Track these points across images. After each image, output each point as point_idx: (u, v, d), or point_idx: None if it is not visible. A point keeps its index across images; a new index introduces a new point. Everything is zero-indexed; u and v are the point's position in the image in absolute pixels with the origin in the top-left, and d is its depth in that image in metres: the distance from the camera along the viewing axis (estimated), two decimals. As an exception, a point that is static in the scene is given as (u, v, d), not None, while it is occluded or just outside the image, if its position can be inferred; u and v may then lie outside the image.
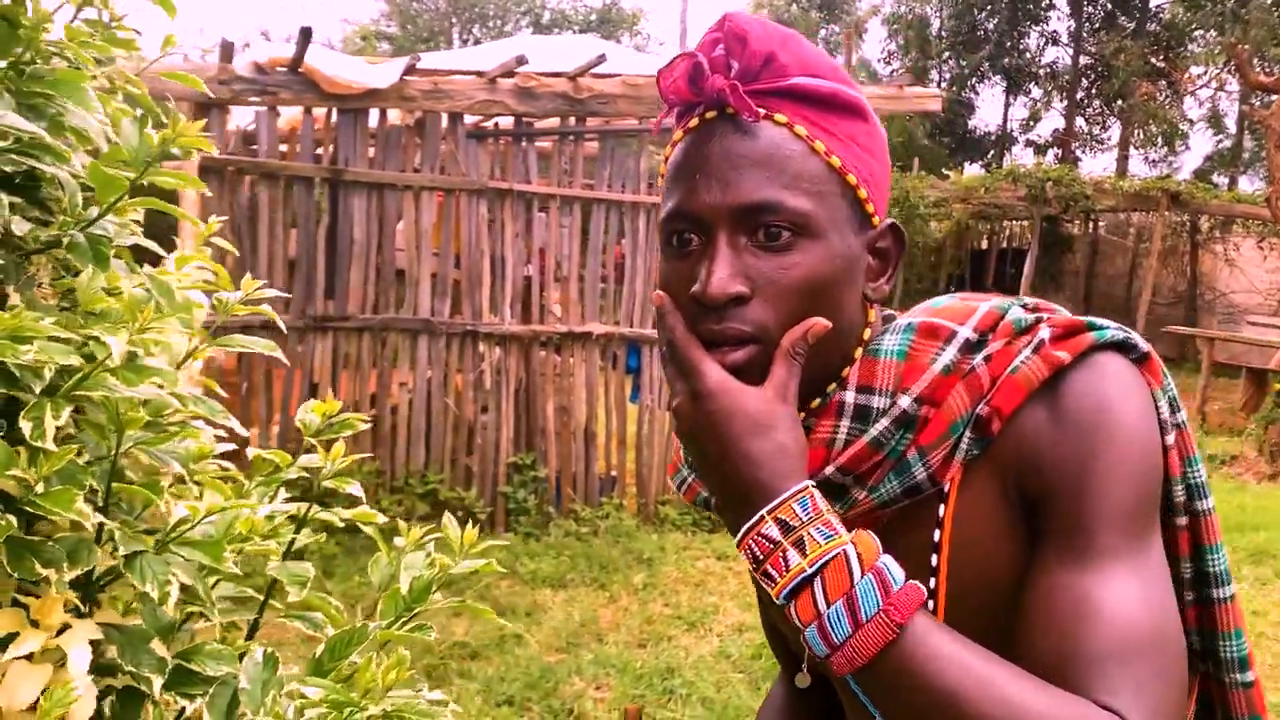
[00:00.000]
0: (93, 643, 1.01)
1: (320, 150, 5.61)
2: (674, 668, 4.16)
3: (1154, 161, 21.70)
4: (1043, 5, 21.72)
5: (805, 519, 0.79)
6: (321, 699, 0.99)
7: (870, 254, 0.92)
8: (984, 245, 18.66)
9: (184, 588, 1.13)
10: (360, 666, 1.05)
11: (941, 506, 0.89)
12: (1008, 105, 23.43)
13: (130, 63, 1.33)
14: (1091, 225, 17.42)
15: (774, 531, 0.79)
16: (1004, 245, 18.84)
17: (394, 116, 5.69)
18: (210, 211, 5.21)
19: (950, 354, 0.87)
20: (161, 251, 1.26)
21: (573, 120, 5.88)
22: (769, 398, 0.83)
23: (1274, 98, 9.49)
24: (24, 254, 1.03)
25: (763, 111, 0.86)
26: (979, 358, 0.87)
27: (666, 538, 5.91)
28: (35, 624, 0.99)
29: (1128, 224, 17.83)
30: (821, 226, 0.85)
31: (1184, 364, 15.15)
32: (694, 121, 0.89)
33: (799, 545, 0.77)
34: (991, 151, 22.62)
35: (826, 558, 0.76)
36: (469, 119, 5.82)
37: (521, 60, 5.48)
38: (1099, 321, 0.87)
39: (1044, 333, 0.86)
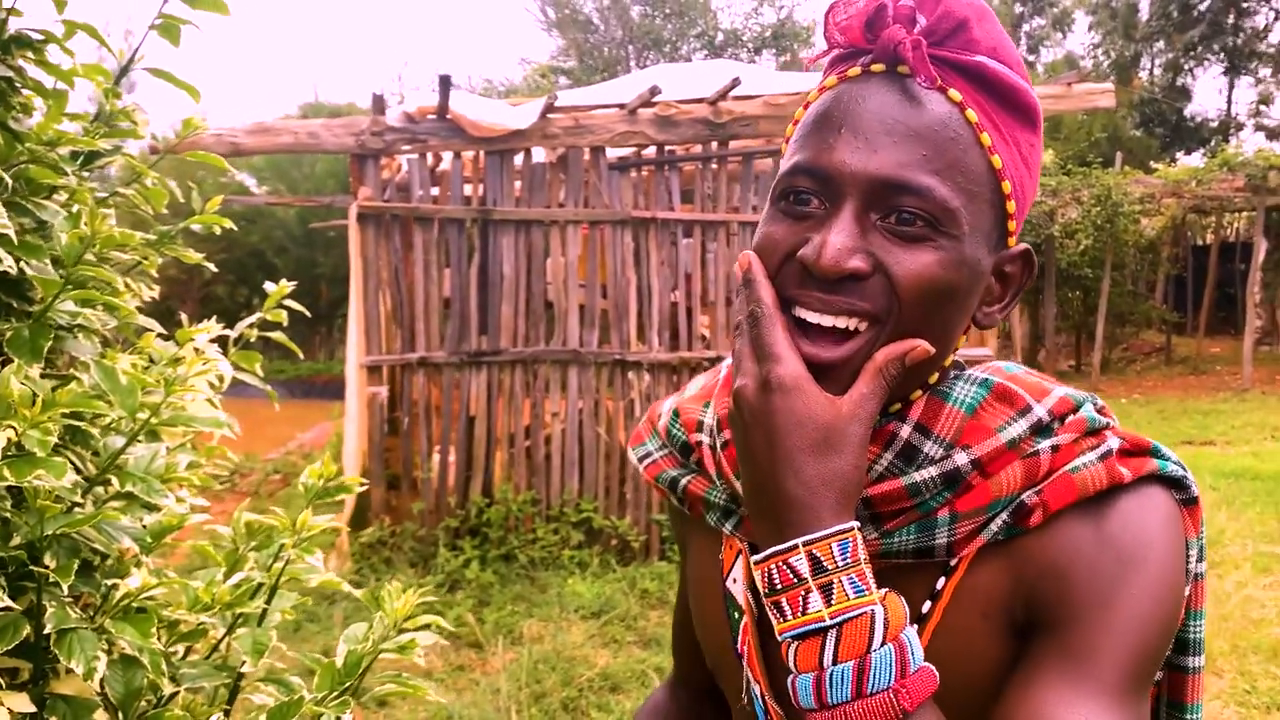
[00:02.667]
0: (31, 715, 1.06)
1: (469, 191, 5.83)
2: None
3: None
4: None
5: (841, 564, 0.71)
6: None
7: (995, 275, 0.83)
8: (1207, 240, 17.22)
9: (129, 659, 1.18)
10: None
11: (943, 579, 0.82)
12: (1231, 88, 21.54)
13: (207, 138, 1.41)
14: (1331, 213, 15.75)
15: (803, 566, 0.71)
16: (1229, 239, 17.31)
17: (538, 154, 5.85)
18: (370, 255, 5.51)
19: (1020, 427, 0.79)
20: (160, 329, 1.33)
21: (714, 145, 5.86)
22: (844, 414, 0.74)
23: None
24: None
25: (939, 80, 0.76)
26: (1045, 444, 0.79)
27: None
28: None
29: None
30: (962, 228, 0.75)
31: None
32: (854, 70, 0.78)
33: (825, 591, 0.70)
34: (1214, 140, 20.83)
35: (851, 614, 0.69)
36: (611, 152, 5.90)
37: (655, 90, 5.51)
38: (1163, 450, 0.81)
39: (1113, 442, 0.80)
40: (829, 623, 0.69)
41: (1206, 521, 0.86)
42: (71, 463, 1.18)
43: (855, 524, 0.73)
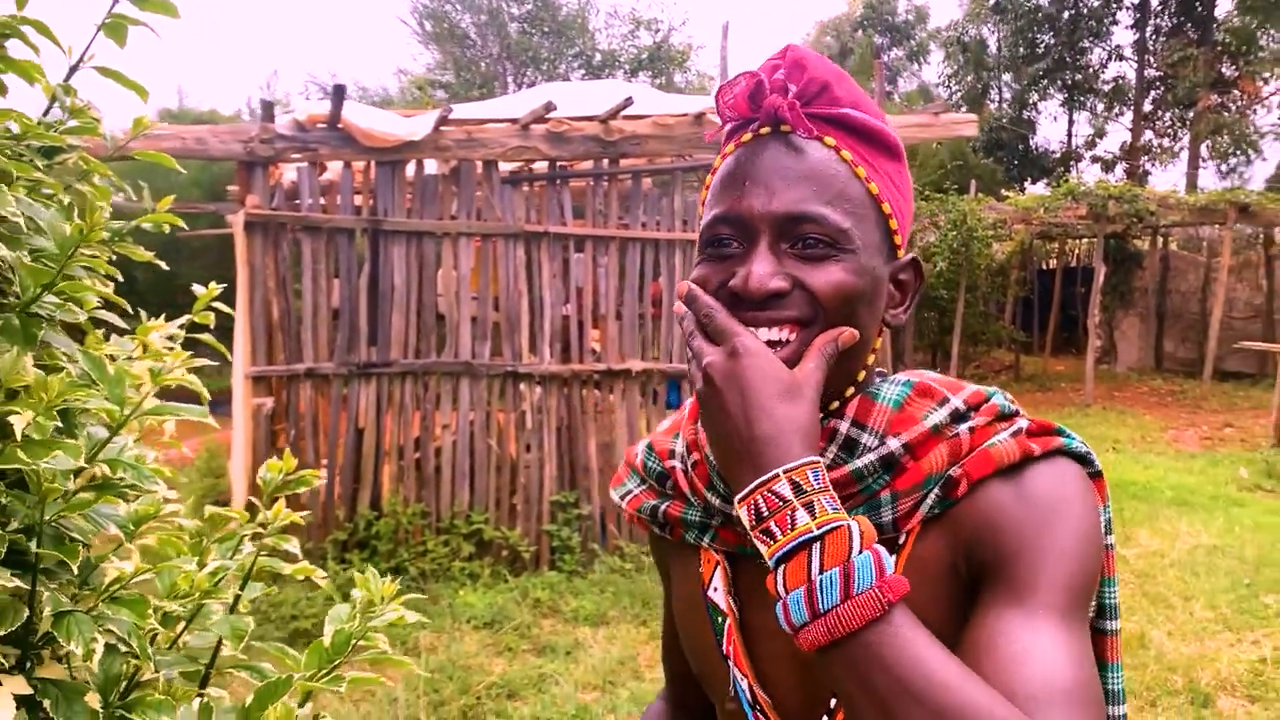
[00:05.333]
0: (27, 698, 1.08)
1: (359, 202, 5.79)
2: (707, 705, 4.14)
3: (1225, 173, 21.09)
4: (1105, 20, 21.35)
5: (816, 487, 0.81)
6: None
7: (892, 282, 0.99)
8: (1051, 265, 18.30)
9: (121, 642, 1.20)
10: (278, 714, 1.10)
11: (893, 556, 0.91)
12: (1071, 122, 23.03)
13: (165, 137, 1.42)
14: (1162, 241, 16.99)
15: (786, 490, 0.80)
16: (1072, 264, 18.45)
17: (431, 166, 5.85)
18: (256, 264, 5.40)
19: (941, 415, 0.93)
20: (121, 324, 1.34)
21: (605, 162, 5.98)
22: (800, 377, 0.87)
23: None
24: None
25: (815, 131, 0.92)
26: (963, 426, 0.93)
27: (710, 573, 5.89)
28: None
29: (1199, 239, 17.34)
30: (856, 245, 0.91)
31: (1262, 379, 14.64)
32: (747, 136, 0.95)
33: (809, 508, 0.79)
34: (1056, 169, 22.20)
35: (833, 525, 0.78)
36: (504, 166, 5.95)
37: (550, 107, 5.60)
38: (1068, 431, 0.94)
39: (1022, 423, 0.93)
40: (816, 533, 0.78)
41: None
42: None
43: (820, 458, 0.85)
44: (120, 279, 1.31)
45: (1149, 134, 21.71)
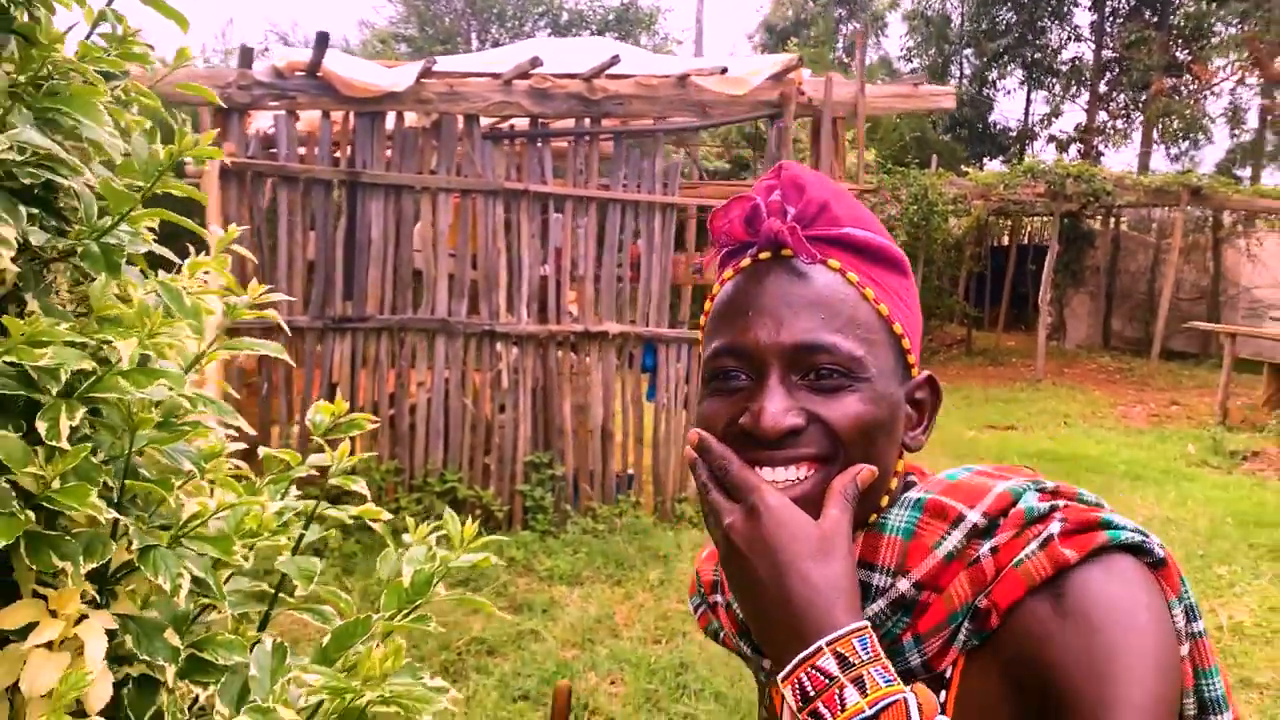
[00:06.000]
0: (109, 633, 1.06)
1: (338, 153, 5.68)
2: (688, 663, 4.20)
3: (1176, 156, 21.54)
4: (1065, 0, 21.58)
5: (865, 658, 0.74)
6: (322, 685, 1.04)
7: (909, 403, 0.93)
8: (1004, 242, 18.57)
9: (196, 580, 1.18)
10: (362, 655, 1.09)
11: (943, 693, 0.86)
12: (1029, 101, 23.31)
13: (146, 74, 1.38)
14: (1114, 221, 17.31)
15: (832, 666, 0.73)
16: (1025, 242, 18.74)
17: (411, 119, 5.75)
18: (231, 214, 5.29)
19: (955, 539, 0.86)
20: (175, 258, 1.31)
21: (587, 122, 5.93)
22: (828, 529, 0.81)
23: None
24: (42, 262, 1.08)
25: (817, 255, 0.87)
26: (985, 548, 0.85)
27: (683, 535, 5.95)
28: (54, 614, 1.04)
29: (1150, 220, 17.71)
30: (871, 373, 0.86)
31: (1206, 359, 15.04)
32: (745, 261, 0.91)
33: (858, 684, 0.72)
34: (1013, 147, 22.48)
35: (888, 701, 0.71)
36: (485, 121, 5.87)
37: (536, 62, 5.53)
38: (1116, 520, 0.84)
39: (1054, 527, 0.83)
40: (869, 712, 0.70)
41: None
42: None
43: (868, 622, 0.78)
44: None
45: (1103, 115, 22.06)
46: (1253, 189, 14.63)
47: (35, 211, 1.08)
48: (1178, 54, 20.20)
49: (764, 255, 0.90)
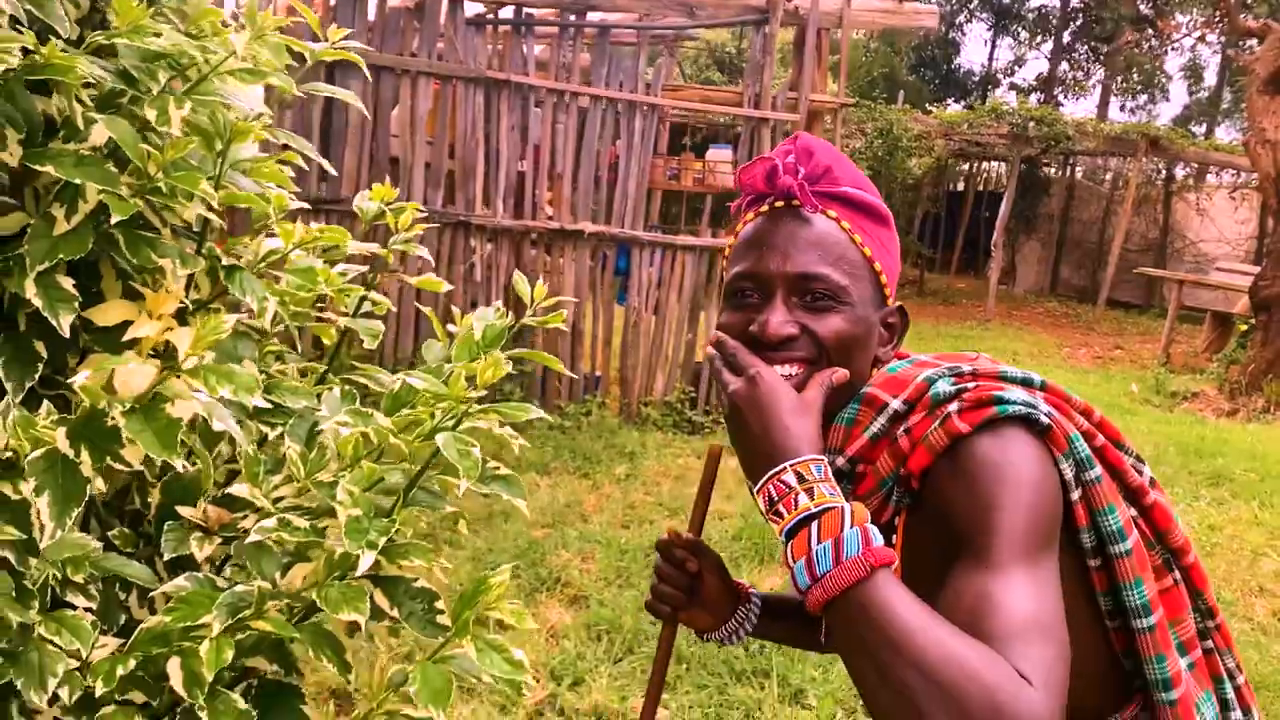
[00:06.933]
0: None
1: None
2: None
3: (1133, 110, 21.84)
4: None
5: (817, 477, 0.96)
6: (425, 389, 1.06)
7: (883, 326, 1.17)
8: (960, 188, 18.75)
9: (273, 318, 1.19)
10: (454, 374, 1.11)
11: (894, 536, 1.12)
12: (994, 46, 23.40)
13: None
14: (1069, 170, 17.55)
15: (791, 479, 0.96)
16: (980, 188, 18.95)
17: (394, 1, 5.62)
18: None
19: (879, 423, 1.12)
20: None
21: (572, 17, 5.84)
22: (806, 399, 1.04)
23: (1256, 44, 9.59)
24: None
25: (819, 207, 1.11)
26: (902, 429, 1.10)
27: (648, 436, 6.02)
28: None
29: (1104, 170, 17.98)
30: (853, 299, 1.10)
31: (1150, 309, 15.44)
32: (764, 208, 1.15)
33: (809, 492, 0.95)
34: (975, 92, 22.60)
35: (827, 505, 0.93)
36: (470, 10, 5.76)
37: (525, -53, 5.42)
38: (1008, 397, 1.04)
39: (954, 406, 1.06)
40: (813, 510, 0.93)
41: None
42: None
43: (824, 457, 1.00)
44: None
45: (1065, 66, 22.23)
46: (1207, 142, 14.92)
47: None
48: (1141, 7, 20.36)
49: (779, 204, 1.13)
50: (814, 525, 0.92)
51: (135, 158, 0.95)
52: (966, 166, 18.42)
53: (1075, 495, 1.07)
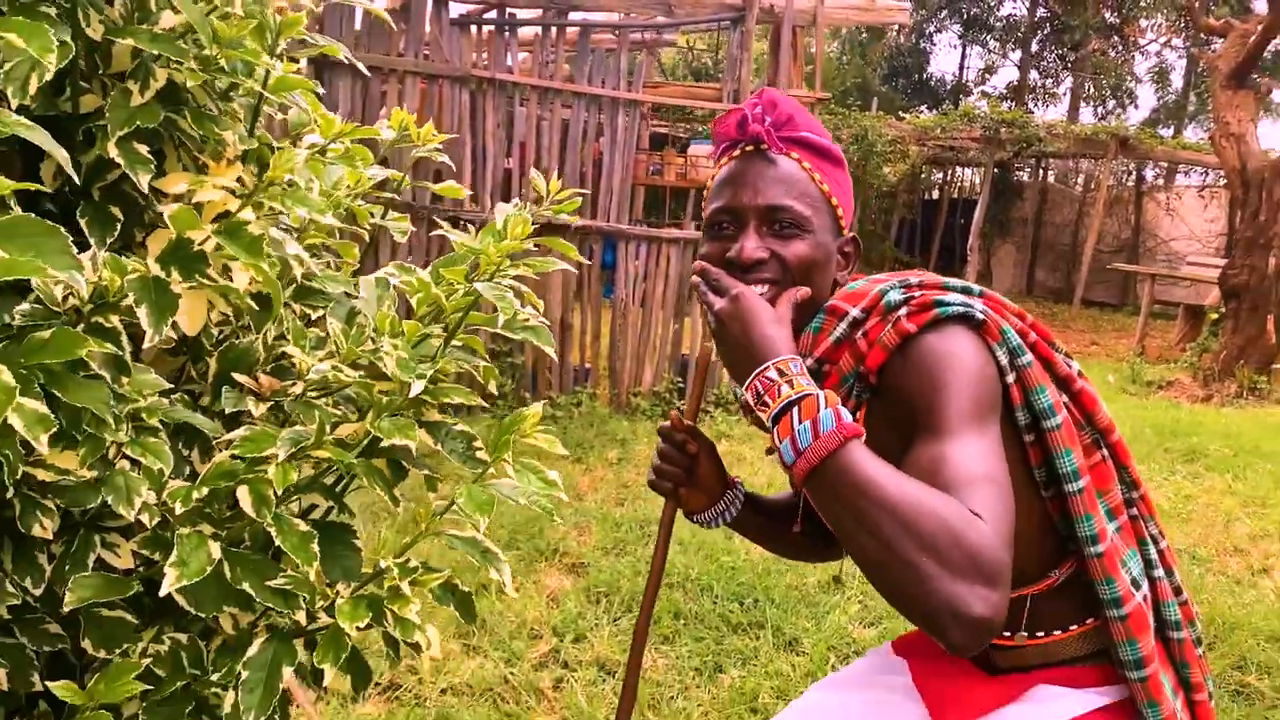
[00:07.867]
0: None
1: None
2: (651, 519, 4.40)
3: (1102, 116, 22.18)
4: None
5: (795, 372, 1.13)
6: (459, 242, 1.17)
7: (840, 254, 1.36)
8: (935, 196, 19.00)
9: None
10: (483, 247, 1.23)
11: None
12: (964, 55, 23.76)
13: None
14: (1041, 174, 17.82)
15: (774, 374, 1.12)
16: (955, 195, 19.21)
17: (381, 2, 5.75)
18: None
19: (841, 328, 1.28)
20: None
21: (554, 14, 5.99)
22: (779, 312, 1.22)
23: (1220, 42, 9.85)
24: None
25: (784, 149, 1.31)
26: (859, 332, 1.26)
27: (639, 424, 6.13)
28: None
29: (1076, 172, 18.28)
30: (814, 227, 1.29)
31: (1124, 308, 15.69)
32: (736, 152, 1.34)
33: (790, 384, 1.11)
34: (946, 101, 22.90)
35: (806, 393, 1.09)
36: (455, 10, 5.89)
37: (508, -53, 5.57)
38: (947, 299, 1.21)
39: (903, 311, 1.21)
40: (794, 397, 1.09)
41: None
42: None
43: (799, 356, 1.18)
44: None
45: (1034, 74, 22.58)
46: (1175, 141, 15.20)
47: None
48: (1108, 15, 20.73)
49: (749, 149, 1.32)
50: (795, 409, 1.08)
51: (202, 34, 1.06)
52: (941, 175, 18.68)
53: (1010, 379, 1.23)
